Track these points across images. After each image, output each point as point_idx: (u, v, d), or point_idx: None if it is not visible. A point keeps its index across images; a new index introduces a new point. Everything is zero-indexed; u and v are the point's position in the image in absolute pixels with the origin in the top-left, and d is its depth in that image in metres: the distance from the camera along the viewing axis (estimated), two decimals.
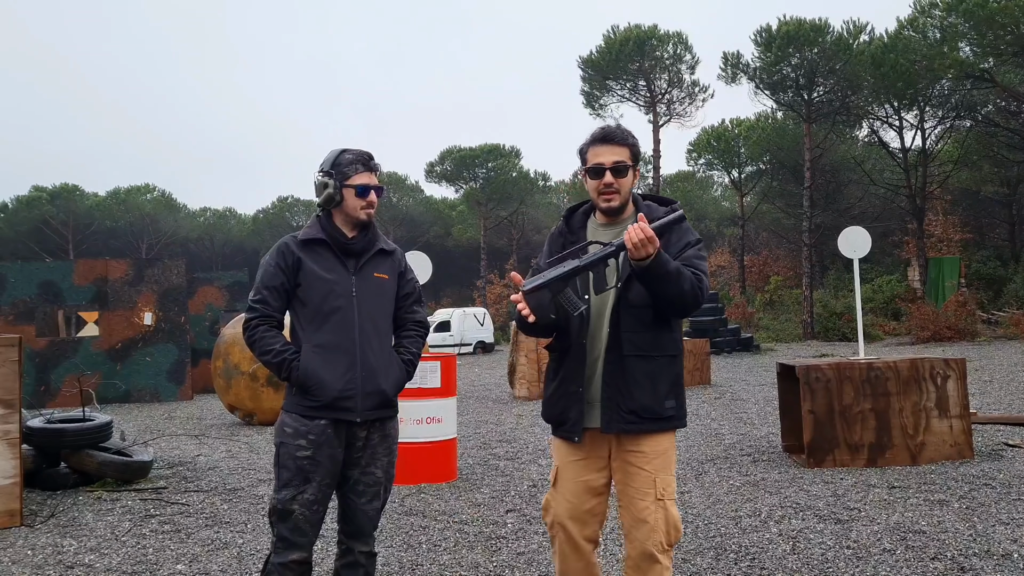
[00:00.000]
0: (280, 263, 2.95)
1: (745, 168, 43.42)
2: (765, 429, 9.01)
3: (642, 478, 2.72)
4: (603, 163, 2.76)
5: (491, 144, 52.64)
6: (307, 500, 2.86)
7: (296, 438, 2.87)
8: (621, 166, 2.75)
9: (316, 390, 2.87)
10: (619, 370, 2.70)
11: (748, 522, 5.12)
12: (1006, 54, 28.94)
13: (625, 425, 2.71)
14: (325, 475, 2.89)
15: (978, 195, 36.67)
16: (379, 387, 2.95)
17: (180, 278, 15.41)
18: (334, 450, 2.90)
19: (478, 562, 4.43)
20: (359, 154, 2.98)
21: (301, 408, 2.90)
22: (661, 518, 2.70)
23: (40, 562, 4.64)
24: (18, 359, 5.52)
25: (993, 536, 4.63)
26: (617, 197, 2.78)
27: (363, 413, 2.92)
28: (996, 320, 27.19)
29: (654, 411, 2.72)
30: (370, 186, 2.95)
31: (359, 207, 2.96)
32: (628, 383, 2.70)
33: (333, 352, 2.89)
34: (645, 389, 2.70)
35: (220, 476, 7.11)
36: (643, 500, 2.71)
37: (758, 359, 20.68)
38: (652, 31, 38.16)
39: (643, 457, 2.73)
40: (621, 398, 2.70)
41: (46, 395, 14.25)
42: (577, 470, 2.80)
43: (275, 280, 2.94)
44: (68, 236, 54.73)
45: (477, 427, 9.99)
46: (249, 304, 2.97)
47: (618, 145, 2.77)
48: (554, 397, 2.83)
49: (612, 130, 2.82)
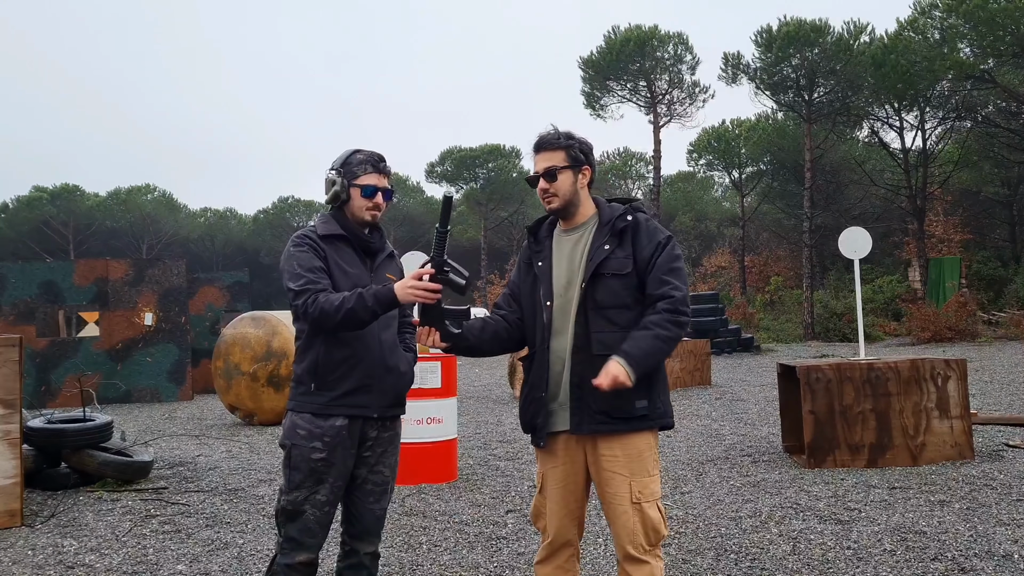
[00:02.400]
0: (314, 250, 2.86)
1: (745, 168, 43.41)
2: (765, 429, 9.01)
3: (617, 482, 2.72)
4: (536, 171, 2.84)
5: (491, 144, 52.71)
6: (319, 501, 2.84)
7: (311, 440, 2.83)
8: (551, 170, 2.80)
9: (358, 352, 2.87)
10: (588, 371, 2.68)
11: (748, 522, 5.12)
12: (1006, 55, 28.92)
13: (596, 426, 2.71)
14: (338, 476, 2.87)
15: (978, 195, 36.64)
16: (395, 384, 2.95)
17: (180, 278, 15.41)
18: (347, 451, 2.88)
19: (478, 562, 4.43)
20: (370, 155, 2.97)
21: (315, 406, 2.85)
22: (638, 521, 2.70)
23: (40, 562, 4.64)
24: (19, 359, 5.52)
25: (994, 537, 4.63)
26: (555, 199, 2.82)
27: (379, 409, 2.91)
28: (997, 321, 27.17)
29: (624, 410, 2.70)
30: (378, 187, 2.94)
31: (364, 207, 2.94)
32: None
33: (355, 345, 2.86)
34: (615, 389, 2.67)
35: (221, 476, 7.11)
36: (620, 505, 2.72)
37: (758, 359, 20.67)
38: (653, 31, 38.16)
39: (617, 461, 2.73)
40: (591, 398, 2.69)
41: (47, 395, 14.25)
42: (557, 476, 2.84)
43: (314, 262, 2.83)
44: (68, 236, 54.74)
45: (477, 427, 9.99)
46: (294, 292, 2.78)
47: (549, 151, 2.82)
48: (524, 405, 2.88)
49: (543, 137, 2.86)
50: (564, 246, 2.88)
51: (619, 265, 2.75)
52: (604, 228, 2.82)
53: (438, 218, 2.74)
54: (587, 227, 2.87)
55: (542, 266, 2.87)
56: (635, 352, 2.62)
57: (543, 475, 2.88)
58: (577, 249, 2.84)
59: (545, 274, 2.85)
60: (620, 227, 2.79)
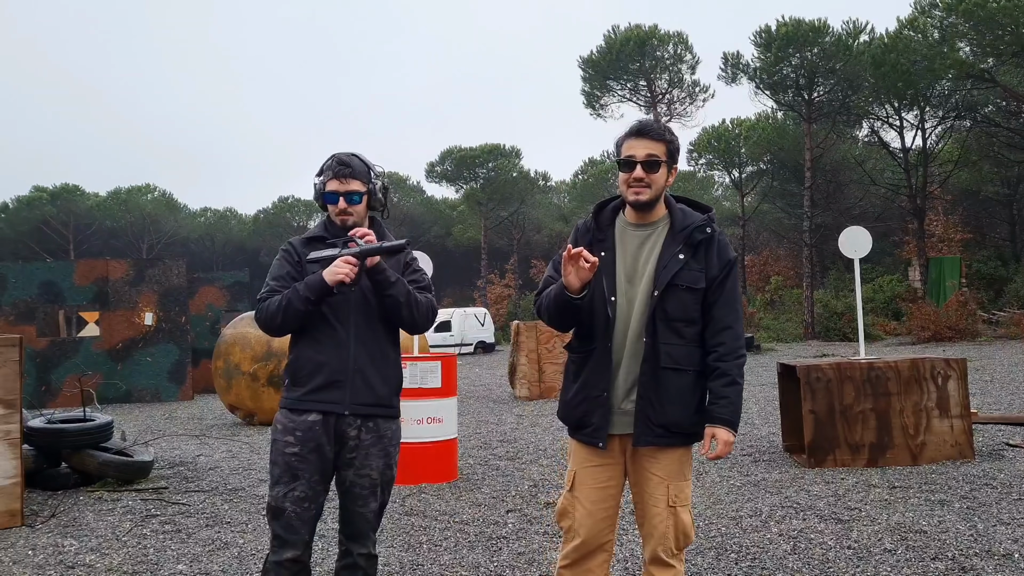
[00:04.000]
0: (286, 258, 3.03)
1: (746, 168, 43.40)
2: (766, 429, 9.01)
3: (654, 484, 2.71)
4: (635, 156, 2.69)
5: (491, 144, 52.63)
6: (297, 497, 2.86)
7: (285, 434, 2.89)
8: (653, 160, 2.68)
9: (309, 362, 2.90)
10: (654, 382, 2.66)
11: (749, 522, 5.11)
12: (1006, 54, 28.92)
13: (655, 439, 2.68)
14: (314, 472, 2.88)
15: (978, 195, 36.66)
16: (369, 383, 2.93)
17: (181, 278, 15.41)
18: (322, 446, 2.89)
19: (479, 562, 4.43)
20: (332, 160, 3.01)
21: (290, 401, 2.92)
22: (671, 525, 2.69)
23: (41, 562, 4.64)
24: (19, 359, 5.52)
25: (994, 536, 4.63)
26: (647, 191, 2.70)
27: (351, 406, 2.91)
28: (997, 320, 27.19)
29: (683, 427, 2.69)
30: (338, 193, 2.97)
31: (333, 213, 3.02)
32: (662, 397, 2.66)
33: (327, 344, 2.91)
34: (677, 404, 2.67)
35: (221, 476, 7.11)
36: (656, 507, 2.71)
37: (759, 359, 20.67)
38: (653, 31, 38.18)
39: (657, 464, 2.72)
40: (653, 411, 2.66)
41: (47, 395, 14.25)
42: (596, 475, 2.76)
43: (281, 271, 2.99)
44: (69, 236, 54.74)
45: (478, 427, 9.99)
46: (257, 299, 3.01)
47: (653, 140, 2.71)
48: (575, 399, 2.77)
49: (648, 124, 2.77)
50: (629, 241, 2.77)
51: (693, 279, 2.68)
52: (678, 234, 2.72)
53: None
54: (657, 227, 2.76)
55: (605, 256, 2.74)
56: (734, 416, 2.68)
57: (576, 473, 2.79)
58: (644, 248, 2.75)
59: (608, 266, 2.73)
60: (698, 239, 2.71)
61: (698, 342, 2.73)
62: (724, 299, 2.71)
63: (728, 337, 2.70)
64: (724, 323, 2.70)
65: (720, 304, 2.71)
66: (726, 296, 2.72)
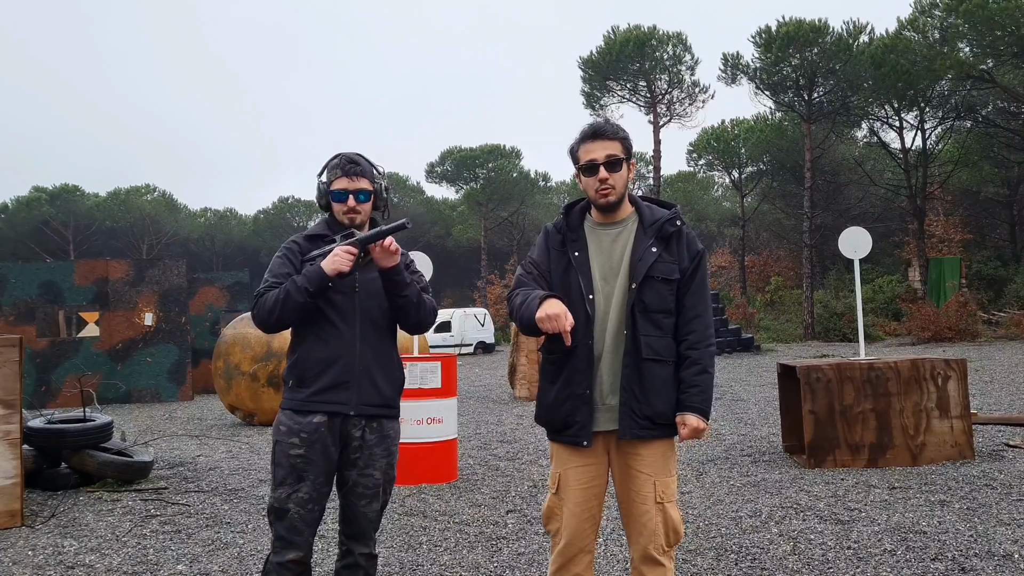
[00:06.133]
0: (287, 256, 3.01)
1: (745, 169, 43.44)
2: (766, 429, 9.01)
3: (641, 481, 2.71)
4: (596, 159, 2.72)
5: (491, 144, 52.66)
6: (302, 499, 2.86)
7: (289, 436, 2.88)
8: (614, 159, 2.72)
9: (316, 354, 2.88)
10: (636, 374, 2.67)
11: (749, 522, 5.11)
12: (1006, 55, 28.95)
13: (640, 431, 2.68)
14: (319, 474, 2.88)
15: (978, 195, 36.66)
16: (375, 383, 2.94)
17: (181, 278, 15.41)
18: (327, 448, 2.88)
19: (479, 563, 4.43)
20: (341, 159, 3.01)
21: (295, 403, 2.90)
22: (660, 521, 2.69)
23: (41, 562, 4.64)
24: (19, 359, 5.52)
25: (994, 537, 4.63)
26: (613, 192, 2.73)
27: (357, 407, 2.91)
28: (997, 320, 27.19)
29: (667, 418, 2.71)
30: (347, 191, 2.97)
31: (340, 212, 3.00)
32: (646, 388, 2.68)
33: (333, 344, 2.90)
34: (661, 395, 2.69)
35: (221, 476, 7.11)
36: (643, 504, 2.70)
37: (759, 359, 20.67)
38: (652, 32, 38.17)
39: (642, 460, 2.72)
40: (637, 403, 2.67)
41: (47, 395, 14.25)
42: (580, 476, 2.75)
43: (282, 269, 2.97)
44: (68, 236, 54.74)
45: (477, 427, 9.99)
46: (255, 294, 2.99)
47: (609, 139, 2.73)
48: (557, 399, 2.76)
49: (601, 125, 2.79)
50: (601, 239, 2.80)
51: (668, 271, 2.73)
52: (648, 228, 2.76)
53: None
54: (627, 224, 2.80)
55: (579, 256, 2.78)
56: (705, 404, 2.71)
57: (561, 475, 2.78)
58: (617, 245, 2.78)
59: (583, 265, 2.76)
60: (669, 232, 2.75)
61: (672, 333, 2.77)
62: (694, 289, 2.77)
63: (699, 325, 2.75)
64: (695, 312, 2.76)
65: (691, 294, 2.76)
66: (696, 286, 2.77)
